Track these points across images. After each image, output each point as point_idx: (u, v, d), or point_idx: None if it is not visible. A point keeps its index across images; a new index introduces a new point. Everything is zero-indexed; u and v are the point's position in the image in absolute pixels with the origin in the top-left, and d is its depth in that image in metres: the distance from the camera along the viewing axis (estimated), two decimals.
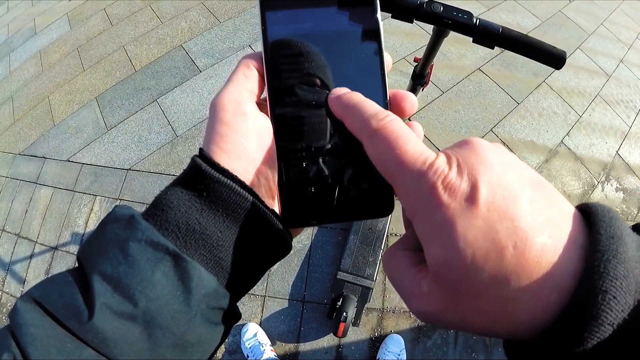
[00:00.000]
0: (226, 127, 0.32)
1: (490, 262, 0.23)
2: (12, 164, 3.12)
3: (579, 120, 2.72)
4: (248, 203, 0.31)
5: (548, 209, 0.24)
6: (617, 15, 3.61)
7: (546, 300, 0.22)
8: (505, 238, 0.23)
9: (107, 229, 0.30)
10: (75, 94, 3.28)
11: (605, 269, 0.21)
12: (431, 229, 0.25)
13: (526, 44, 0.96)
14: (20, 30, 4.37)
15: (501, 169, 0.25)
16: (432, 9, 0.96)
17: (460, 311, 0.25)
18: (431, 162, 0.26)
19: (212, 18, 3.42)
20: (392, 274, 0.31)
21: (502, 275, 0.22)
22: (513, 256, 0.22)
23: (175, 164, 2.64)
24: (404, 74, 2.75)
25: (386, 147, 0.28)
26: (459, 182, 0.24)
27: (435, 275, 0.25)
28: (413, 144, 0.27)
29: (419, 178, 0.26)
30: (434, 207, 0.25)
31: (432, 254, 0.25)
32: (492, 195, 0.24)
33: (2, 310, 2.52)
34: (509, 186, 0.24)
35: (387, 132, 0.28)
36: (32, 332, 0.24)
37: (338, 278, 1.95)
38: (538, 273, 0.22)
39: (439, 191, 0.24)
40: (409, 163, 0.26)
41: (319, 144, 0.34)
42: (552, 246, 0.22)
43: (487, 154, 0.26)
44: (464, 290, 0.24)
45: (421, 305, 0.27)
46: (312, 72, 0.34)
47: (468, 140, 0.28)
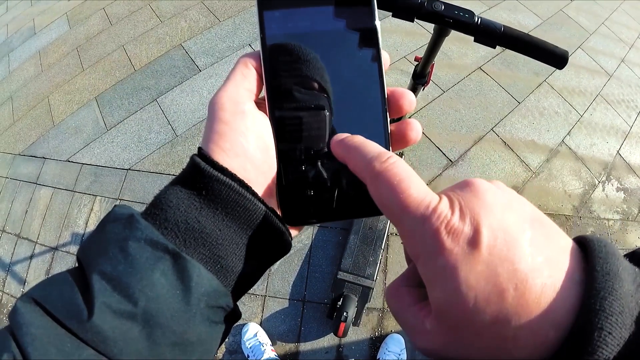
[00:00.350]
0: (225, 126, 0.32)
1: (492, 304, 0.23)
2: (12, 164, 3.12)
3: (580, 120, 2.72)
4: (247, 201, 0.31)
5: (547, 247, 0.25)
6: (618, 15, 3.62)
7: (545, 337, 0.23)
8: (506, 281, 0.23)
9: (106, 229, 0.30)
10: (75, 93, 3.28)
11: (601, 306, 0.21)
12: (434, 272, 0.25)
13: (528, 43, 0.96)
14: (19, 30, 4.37)
15: (502, 211, 0.26)
16: (433, 7, 0.96)
17: (461, 349, 0.25)
18: (434, 206, 0.26)
19: (212, 17, 3.42)
20: (396, 310, 0.31)
21: (503, 316, 0.23)
22: (514, 298, 0.23)
23: (175, 163, 2.64)
24: (404, 73, 2.74)
25: (389, 191, 0.28)
26: (461, 227, 0.25)
27: (438, 315, 0.26)
28: (416, 186, 0.27)
29: (422, 222, 0.26)
30: (437, 252, 0.25)
31: (435, 296, 0.26)
32: (493, 239, 0.24)
33: (2, 311, 2.52)
34: (509, 229, 0.25)
35: (389, 175, 0.28)
36: (32, 332, 0.24)
37: (338, 278, 1.95)
38: (537, 312, 0.23)
39: (442, 236, 0.25)
40: (413, 207, 0.27)
41: (317, 143, 0.34)
42: (551, 285, 0.23)
43: (488, 196, 0.27)
44: (466, 330, 0.24)
45: (424, 343, 0.27)
46: (310, 71, 0.34)
47: (469, 182, 0.28)
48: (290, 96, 0.34)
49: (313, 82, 0.34)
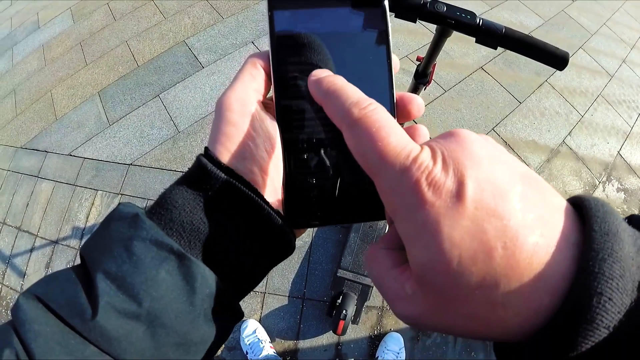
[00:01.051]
0: (232, 128, 0.32)
1: (478, 264, 0.21)
2: (14, 157, 3.12)
3: (581, 120, 2.72)
4: (253, 204, 0.30)
5: (539, 205, 0.23)
6: (620, 15, 3.60)
7: (538, 303, 0.21)
8: (494, 238, 0.21)
9: (111, 227, 0.29)
10: (78, 88, 3.28)
11: (600, 269, 0.20)
12: (414, 229, 0.23)
13: (529, 44, 0.96)
14: (23, 23, 4.37)
15: (489, 163, 0.24)
16: (435, 8, 0.96)
17: (446, 316, 0.24)
18: (415, 156, 0.24)
19: (215, 14, 3.42)
20: (374, 275, 0.29)
21: (491, 278, 0.21)
22: (502, 257, 0.21)
23: (176, 159, 2.64)
24: (406, 72, 2.74)
25: (367, 138, 0.25)
26: (444, 178, 0.23)
27: (418, 278, 0.24)
28: (396, 135, 0.25)
29: (402, 173, 0.24)
30: (417, 206, 0.23)
31: (414, 255, 0.24)
32: (480, 192, 0.22)
33: (2, 303, 2.53)
34: (498, 182, 0.23)
35: (369, 121, 0.26)
36: (35, 328, 0.24)
37: (338, 276, 1.96)
38: (529, 275, 0.21)
39: (422, 188, 0.23)
40: (391, 156, 0.24)
41: (325, 145, 0.34)
42: (544, 245, 0.21)
43: (475, 146, 0.25)
44: (450, 294, 0.22)
45: (405, 309, 0.26)
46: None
47: (454, 132, 0.26)
48: (298, 98, 0.34)
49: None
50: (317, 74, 0.31)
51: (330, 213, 0.35)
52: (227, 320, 0.32)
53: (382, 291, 0.28)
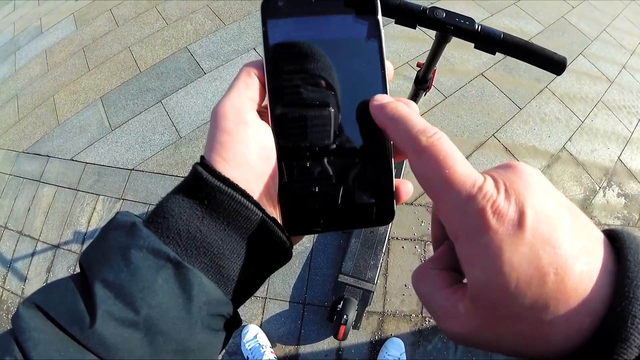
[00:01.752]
0: (227, 136, 0.32)
1: (533, 287, 0.23)
2: (16, 161, 3.13)
3: (581, 126, 2.72)
4: (249, 211, 0.31)
5: (583, 235, 0.25)
6: (620, 21, 3.61)
7: (580, 324, 0.23)
8: (547, 265, 0.23)
9: (109, 236, 0.30)
10: (80, 93, 3.29)
11: (634, 295, 0.22)
12: (476, 251, 0.25)
13: (527, 50, 0.97)
14: (26, 29, 4.38)
15: (543, 194, 0.26)
16: (434, 15, 0.97)
17: (496, 333, 0.26)
18: (480, 185, 0.26)
19: (218, 20, 3.43)
20: (424, 294, 0.31)
21: (543, 300, 0.23)
22: (554, 283, 0.23)
23: (178, 165, 2.64)
24: (406, 78, 2.75)
25: (434, 165, 0.28)
26: (507, 208, 0.25)
27: (474, 296, 0.26)
28: (462, 164, 0.27)
29: (467, 200, 0.26)
30: (482, 231, 0.25)
31: (475, 276, 0.26)
32: (537, 222, 0.24)
33: (3, 308, 2.53)
34: (551, 212, 0.25)
35: (436, 149, 0.28)
36: (35, 336, 0.24)
37: (339, 281, 1.96)
38: (575, 299, 0.23)
39: (487, 215, 0.25)
40: (458, 184, 0.27)
41: (319, 153, 0.34)
42: (587, 273, 0.23)
43: (531, 179, 0.27)
44: (503, 313, 0.24)
45: (456, 327, 0.27)
46: (312, 80, 0.34)
47: (512, 165, 0.28)
48: (292, 105, 0.34)
49: (316, 92, 0.34)
50: (380, 99, 0.33)
51: (326, 220, 0.35)
52: (225, 328, 0.32)
53: (432, 309, 0.30)
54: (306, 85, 0.34)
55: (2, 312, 2.52)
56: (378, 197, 0.35)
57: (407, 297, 2.09)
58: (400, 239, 2.20)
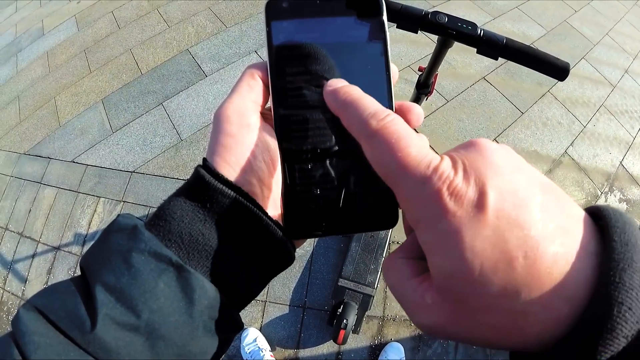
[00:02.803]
0: (230, 139, 0.32)
1: (500, 273, 0.21)
2: (17, 163, 3.13)
3: (583, 131, 2.72)
4: (252, 215, 0.30)
5: (559, 214, 0.23)
6: (622, 26, 3.61)
7: (558, 312, 0.21)
8: (515, 248, 0.21)
9: (110, 239, 0.30)
10: (82, 95, 3.30)
11: (620, 279, 0.20)
12: (436, 238, 0.24)
13: (530, 55, 0.97)
14: (28, 30, 4.40)
15: (510, 172, 0.24)
16: (436, 19, 0.97)
17: (466, 324, 0.24)
18: (435, 165, 0.24)
19: (219, 23, 3.44)
20: (392, 284, 0.29)
21: (512, 287, 0.21)
22: (524, 267, 0.21)
23: (179, 167, 2.65)
24: (408, 82, 2.75)
25: (387, 150, 0.26)
26: (465, 188, 0.23)
27: (439, 287, 0.24)
28: (416, 146, 0.26)
29: (423, 183, 0.24)
30: (439, 215, 0.23)
31: (436, 265, 0.24)
32: (501, 202, 0.22)
33: (3, 309, 2.53)
34: (518, 191, 0.23)
35: (388, 132, 0.26)
36: (35, 340, 0.24)
37: (339, 285, 1.95)
38: (550, 284, 0.21)
39: (444, 198, 0.23)
40: (412, 167, 0.25)
41: (323, 156, 0.34)
42: (564, 255, 0.22)
43: (495, 156, 0.25)
44: (471, 303, 0.23)
45: (424, 318, 0.26)
46: (317, 83, 0.34)
47: (474, 142, 0.26)
48: (296, 108, 0.34)
49: (320, 95, 0.33)
50: (333, 84, 0.32)
51: (329, 224, 0.34)
52: (226, 332, 0.32)
53: (401, 301, 0.28)
54: (310, 88, 0.34)
55: (2, 313, 2.52)
56: (382, 201, 0.34)
57: None
58: (401, 243, 2.18)
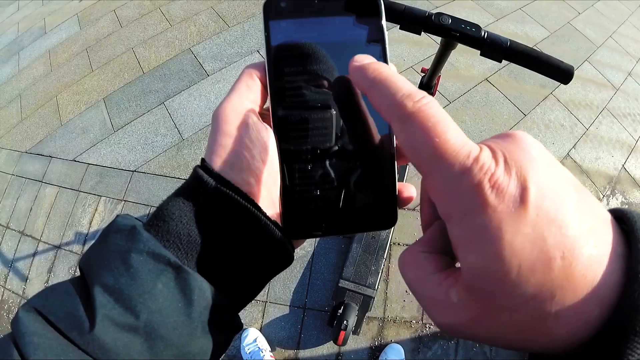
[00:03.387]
0: (228, 139, 0.32)
1: (537, 275, 0.20)
2: (19, 162, 3.13)
3: (586, 133, 2.71)
4: (250, 215, 0.30)
5: (591, 215, 0.22)
6: (626, 28, 3.60)
7: (588, 315, 0.20)
8: (553, 248, 0.20)
9: (109, 240, 0.30)
10: (83, 94, 3.30)
11: None
12: (472, 233, 0.22)
13: (534, 58, 0.96)
14: (30, 29, 4.40)
15: (547, 168, 0.23)
16: (440, 21, 0.96)
17: (490, 325, 0.23)
18: (476, 155, 0.23)
19: (221, 22, 3.44)
20: (413, 279, 0.28)
21: (548, 289, 0.20)
22: (560, 268, 0.20)
23: (180, 167, 2.65)
24: (410, 82, 2.74)
25: (423, 134, 0.24)
26: (507, 182, 0.22)
27: (468, 284, 0.23)
28: (454, 132, 0.24)
29: (462, 173, 0.22)
30: (478, 209, 0.22)
31: (469, 261, 0.22)
32: (541, 198, 0.21)
33: (4, 307, 2.53)
34: (556, 188, 0.22)
35: (424, 115, 0.24)
36: (35, 341, 0.24)
37: (340, 286, 1.95)
38: (583, 287, 0.20)
39: (485, 190, 0.22)
40: (450, 155, 0.23)
41: (322, 156, 0.34)
42: (597, 257, 0.21)
43: (533, 150, 0.23)
44: (501, 303, 0.21)
45: (447, 316, 0.24)
46: (315, 83, 0.34)
47: (511, 133, 0.25)
48: (295, 108, 0.34)
49: (318, 95, 0.34)
50: (360, 60, 0.30)
51: (328, 224, 0.34)
52: (225, 332, 0.32)
53: (421, 297, 0.27)
54: (308, 88, 0.34)
55: (3, 312, 2.52)
56: (381, 201, 0.34)
57: (407, 303, 2.08)
58: (402, 244, 2.20)
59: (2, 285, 2.60)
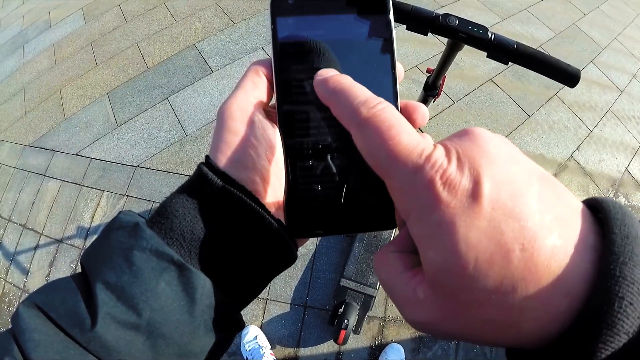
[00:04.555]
0: (234, 136, 0.31)
1: (495, 267, 0.21)
2: (22, 155, 3.14)
3: (590, 135, 2.70)
4: (254, 213, 0.30)
5: (556, 206, 0.22)
6: (631, 30, 3.59)
7: (556, 307, 0.20)
8: (511, 240, 0.21)
9: (111, 236, 0.29)
10: (87, 88, 3.30)
11: (621, 273, 0.19)
12: (428, 230, 0.22)
13: (541, 61, 0.96)
14: (35, 22, 4.41)
15: (506, 162, 0.23)
16: (447, 22, 0.96)
17: (459, 320, 0.23)
18: (428, 154, 0.23)
19: (226, 19, 3.43)
20: (384, 278, 0.28)
21: (509, 281, 0.20)
22: (520, 260, 0.20)
23: (183, 163, 2.65)
24: (415, 82, 2.74)
25: (377, 138, 0.25)
26: (459, 178, 0.22)
27: (432, 281, 0.23)
28: (408, 134, 0.24)
29: (415, 173, 0.23)
30: (432, 206, 0.22)
31: (428, 258, 0.23)
32: (496, 192, 0.21)
33: (5, 300, 2.54)
34: (514, 181, 0.22)
35: (378, 120, 0.25)
36: (35, 337, 0.24)
37: (341, 285, 1.95)
38: (547, 278, 0.20)
39: (437, 187, 0.22)
40: (403, 155, 0.24)
41: (327, 154, 0.34)
42: (562, 247, 0.21)
43: (490, 145, 0.24)
44: (465, 298, 0.22)
45: (416, 314, 0.25)
46: None
47: (468, 130, 0.25)
48: (300, 105, 0.34)
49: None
50: (323, 74, 0.30)
51: (332, 223, 0.34)
52: (227, 331, 0.32)
53: (392, 296, 0.27)
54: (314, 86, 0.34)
55: (4, 305, 2.53)
56: (385, 200, 0.34)
57: None
58: None
59: (3, 279, 2.61)
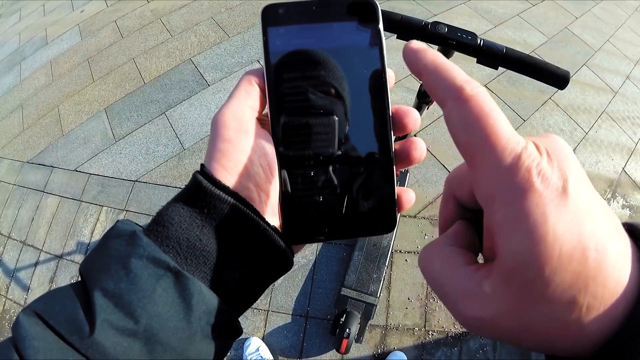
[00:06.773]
0: (228, 144, 0.32)
1: (574, 263, 0.21)
2: (20, 171, 3.14)
3: (585, 137, 2.71)
4: (249, 220, 0.31)
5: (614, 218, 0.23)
6: (623, 32, 3.61)
7: (615, 309, 0.21)
8: (589, 239, 0.21)
9: (109, 245, 0.30)
10: (85, 104, 3.31)
11: None
12: (516, 216, 0.22)
13: (530, 64, 0.97)
14: (31, 39, 4.43)
15: (580, 167, 0.24)
16: (436, 30, 0.97)
17: (524, 316, 0.22)
18: (525, 144, 0.24)
19: (222, 33, 3.45)
20: (438, 272, 0.27)
21: (583, 279, 0.21)
22: (594, 260, 0.21)
23: (182, 176, 2.65)
24: (410, 90, 2.75)
25: (478, 117, 0.25)
26: (550, 171, 0.23)
27: (507, 272, 0.22)
28: (506, 122, 0.25)
29: (512, 158, 0.23)
30: (525, 192, 0.22)
31: (511, 246, 0.22)
32: (579, 191, 0.22)
33: (6, 317, 2.52)
34: (590, 186, 0.23)
35: (482, 101, 0.25)
36: (35, 344, 0.24)
37: (342, 294, 1.94)
38: (612, 280, 0.21)
39: (533, 176, 0.22)
40: (503, 139, 0.24)
41: (320, 160, 0.34)
42: (623, 254, 0.21)
43: (567, 150, 0.24)
44: (538, 291, 0.21)
45: (477, 309, 0.24)
46: (313, 88, 0.34)
47: (548, 134, 0.26)
48: (293, 113, 0.34)
49: (316, 100, 0.34)
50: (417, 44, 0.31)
51: (327, 229, 0.35)
52: (225, 337, 0.32)
53: (449, 291, 0.26)
54: (307, 93, 0.34)
55: (5, 322, 2.51)
56: (379, 205, 0.35)
57: (410, 311, 2.07)
58: (404, 252, 2.19)
59: (4, 295, 2.60)
